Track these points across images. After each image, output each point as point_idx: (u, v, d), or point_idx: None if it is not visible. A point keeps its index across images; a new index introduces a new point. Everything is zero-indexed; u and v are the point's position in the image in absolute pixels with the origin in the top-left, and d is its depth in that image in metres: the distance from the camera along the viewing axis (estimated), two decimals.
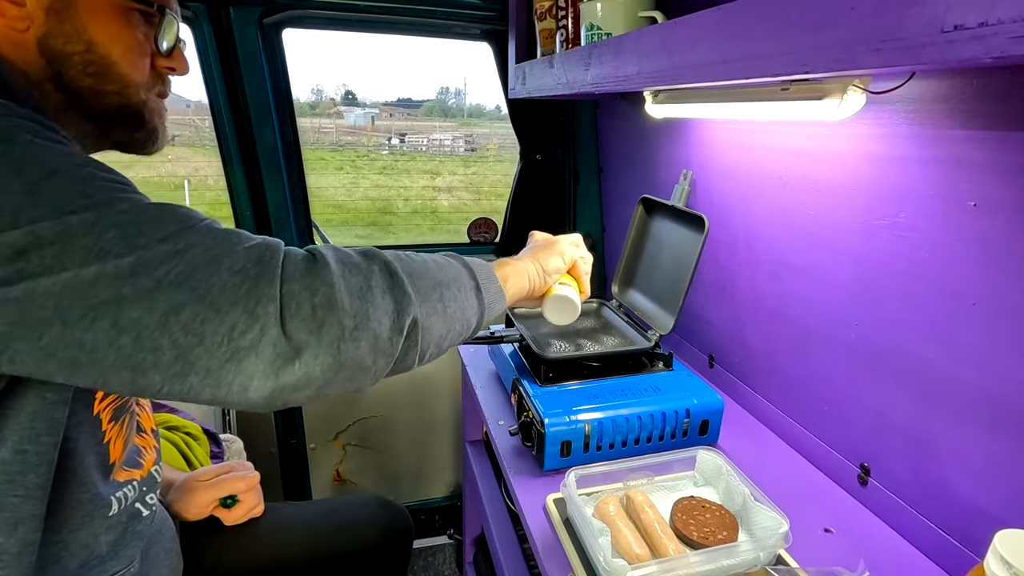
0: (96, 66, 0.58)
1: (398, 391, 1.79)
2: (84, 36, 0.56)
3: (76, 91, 0.58)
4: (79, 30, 0.56)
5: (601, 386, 0.98)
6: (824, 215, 0.86)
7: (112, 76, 0.59)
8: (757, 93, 0.79)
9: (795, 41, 0.47)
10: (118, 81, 0.60)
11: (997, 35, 0.31)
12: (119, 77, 0.60)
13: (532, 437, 0.91)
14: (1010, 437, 0.64)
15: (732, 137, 1.06)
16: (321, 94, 14.34)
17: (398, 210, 11.75)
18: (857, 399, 0.85)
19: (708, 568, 0.67)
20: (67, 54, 0.56)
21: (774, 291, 1.00)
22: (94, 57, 0.57)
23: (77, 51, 0.56)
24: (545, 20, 1.13)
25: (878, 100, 0.72)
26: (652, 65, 0.69)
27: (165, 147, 0.70)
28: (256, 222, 1.60)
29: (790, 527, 0.68)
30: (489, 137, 15.67)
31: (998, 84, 0.60)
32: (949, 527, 0.72)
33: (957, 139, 0.65)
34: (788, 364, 0.99)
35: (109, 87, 0.59)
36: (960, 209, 0.66)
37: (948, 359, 0.70)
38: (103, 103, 0.60)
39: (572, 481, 0.76)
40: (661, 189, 1.29)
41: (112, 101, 0.61)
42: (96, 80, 0.58)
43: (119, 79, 0.60)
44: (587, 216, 1.80)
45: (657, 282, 1.19)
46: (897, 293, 0.76)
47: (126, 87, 0.61)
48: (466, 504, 1.62)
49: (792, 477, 0.92)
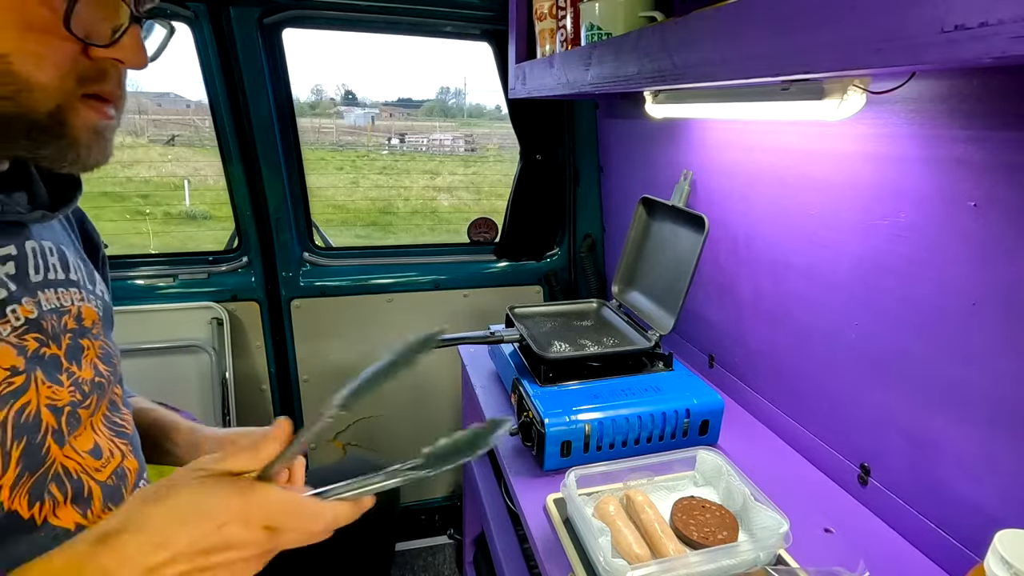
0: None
1: (398, 391, 1.79)
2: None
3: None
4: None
5: (601, 386, 0.97)
6: (824, 215, 0.86)
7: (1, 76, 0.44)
8: (757, 93, 0.79)
9: (795, 41, 0.46)
10: (10, 82, 0.45)
11: (997, 35, 0.31)
12: (11, 77, 0.44)
13: (532, 437, 0.91)
14: (1010, 437, 0.64)
15: (732, 137, 1.06)
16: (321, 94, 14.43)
17: (398, 210, 11.73)
18: (857, 399, 0.85)
19: (708, 568, 0.67)
20: None
21: (774, 291, 1.00)
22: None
23: None
24: (545, 20, 1.13)
25: (878, 100, 0.72)
26: (652, 65, 0.69)
27: (164, 147, 0.60)
28: (256, 222, 1.60)
29: (790, 527, 0.68)
30: (489, 137, 15.67)
31: (998, 84, 0.60)
32: (949, 527, 0.72)
33: (957, 139, 0.65)
34: (788, 364, 0.99)
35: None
36: (960, 209, 0.66)
37: (948, 359, 0.70)
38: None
39: (572, 481, 0.76)
40: (661, 189, 1.29)
41: (3, 109, 0.45)
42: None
43: (11, 79, 0.45)
44: (587, 216, 1.80)
45: (657, 282, 1.19)
46: (897, 293, 0.76)
47: (21, 91, 0.45)
48: (466, 504, 1.62)
49: (792, 477, 0.91)
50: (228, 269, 1.63)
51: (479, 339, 1.10)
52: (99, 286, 0.67)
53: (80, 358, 0.60)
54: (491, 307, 1.77)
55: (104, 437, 0.61)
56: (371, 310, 1.73)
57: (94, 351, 0.63)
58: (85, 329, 0.62)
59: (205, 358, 1.61)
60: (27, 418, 0.51)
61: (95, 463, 0.58)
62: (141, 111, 12.62)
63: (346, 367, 1.76)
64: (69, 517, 0.54)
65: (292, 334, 1.70)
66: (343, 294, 1.71)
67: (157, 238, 8.47)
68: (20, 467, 0.50)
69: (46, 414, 0.53)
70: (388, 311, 1.73)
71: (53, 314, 0.57)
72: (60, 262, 0.60)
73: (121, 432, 0.65)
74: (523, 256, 1.82)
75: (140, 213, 8.87)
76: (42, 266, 0.58)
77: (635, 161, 1.48)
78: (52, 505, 0.53)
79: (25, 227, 0.57)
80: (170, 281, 1.59)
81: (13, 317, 0.52)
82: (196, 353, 1.60)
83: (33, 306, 0.55)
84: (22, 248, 0.56)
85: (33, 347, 0.54)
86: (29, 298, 0.55)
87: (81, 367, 0.60)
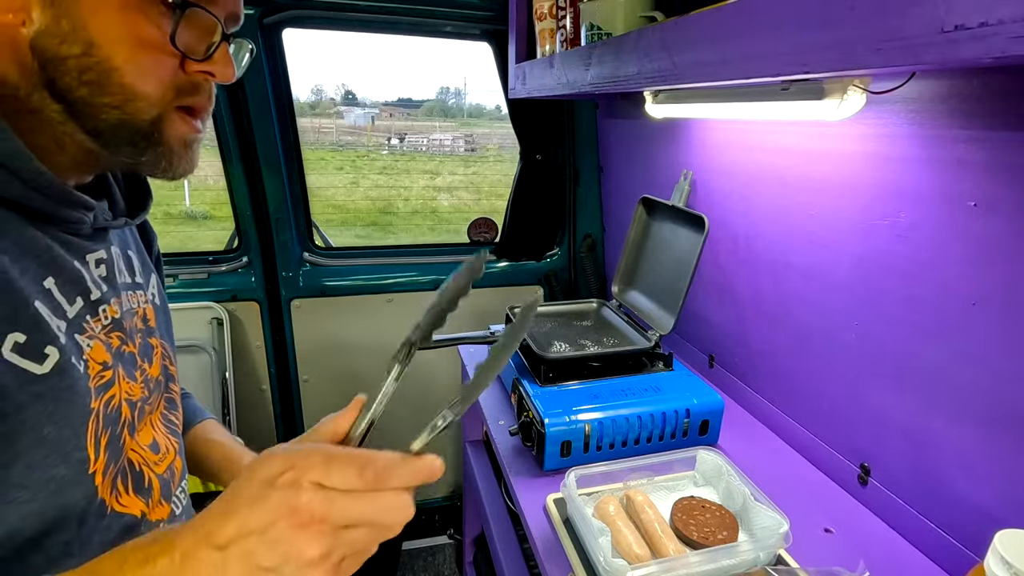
0: (93, 72, 0.47)
1: (398, 391, 1.78)
2: (83, 35, 0.46)
3: (71, 102, 0.48)
4: (77, 27, 0.46)
5: (601, 386, 0.97)
6: (824, 215, 0.86)
7: (112, 86, 0.48)
8: (757, 93, 0.79)
9: (795, 41, 0.47)
10: (119, 92, 0.48)
11: (997, 35, 0.31)
12: (121, 88, 0.48)
13: (532, 437, 0.91)
14: (1010, 437, 0.64)
15: (732, 137, 1.06)
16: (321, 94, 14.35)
17: (398, 210, 11.74)
18: (857, 399, 0.85)
19: (708, 568, 0.67)
20: (61, 57, 0.46)
21: (774, 291, 1.00)
22: (91, 62, 0.47)
23: (73, 54, 0.46)
24: (545, 20, 1.13)
25: (878, 100, 0.72)
26: (652, 65, 0.69)
27: None
28: (256, 222, 1.60)
29: (790, 527, 0.68)
30: (489, 137, 15.66)
31: (998, 84, 0.60)
32: (949, 527, 0.72)
33: (957, 139, 0.65)
34: (788, 364, 0.99)
35: (106, 100, 0.48)
36: (960, 209, 0.66)
37: (948, 359, 0.70)
38: (99, 118, 0.49)
39: (572, 481, 0.76)
40: (661, 189, 1.29)
41: (110, 117, 0.49)
42: (91, 91, 0.48)
43: (120, 90, 0.48)
44: (587, 216, 1.80)
45: (657, 282, 1.19)
46: (897, 293, 0.76)
47: (128, 100, 0.49)
48: (466, 504, 1.62)
49: (792, 477, 0.91)
50: (228, 269, 1.63)
51: (479, 339, 1.10)
52: (152, 287, 0.71)
53: (151, 356, 0.65)
54: (491, 307, 1.76)
55: (161, 434, 0.64)
56: (371, 310, 1.73)
57: (161, 350, 0.68)
58: (152, 329, 0.67)
59: (205, 358, 1.61)
60: (112, 410, 0.55)
61: (154, 456, 0.62)
62: None
63: (346, 367, 1.76)
64: (135, 505, 0.57)
65: (292, 334, 1.70)
66: (343, 294, 1.71)
67: (157, 238, 8.47)
68: (107, 456, 0.53)
69: (125, 408, 0.57)
70: (388, 311, 1.73)
71: (129, 315, 0.61)
72: (127, 266, 0.64)
73: (174, 431, 0.68)
74: (523, 256, 1.82)
75: None
76: (123, 269, 0.63)
77: (635, 161, 1.48)
78: (118, 494, 0.56)
79: (108, 232, 0.61)
80: (170, 281, 1.59)
81: (104, 316, 0.56)
82: (196, 353, 1.60)
83: (118, 307, 0.59)
84: (109, 252, 0.60)
85: (117, 344, 0.57)
86: (116, 299, 0.59)
87: (152, 364, 0.64)
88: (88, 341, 0.53)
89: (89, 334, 0.53)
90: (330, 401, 1.77)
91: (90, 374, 0.52)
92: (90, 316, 0.54)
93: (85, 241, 0.56)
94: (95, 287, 0.56)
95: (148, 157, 0.53)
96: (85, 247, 0.56)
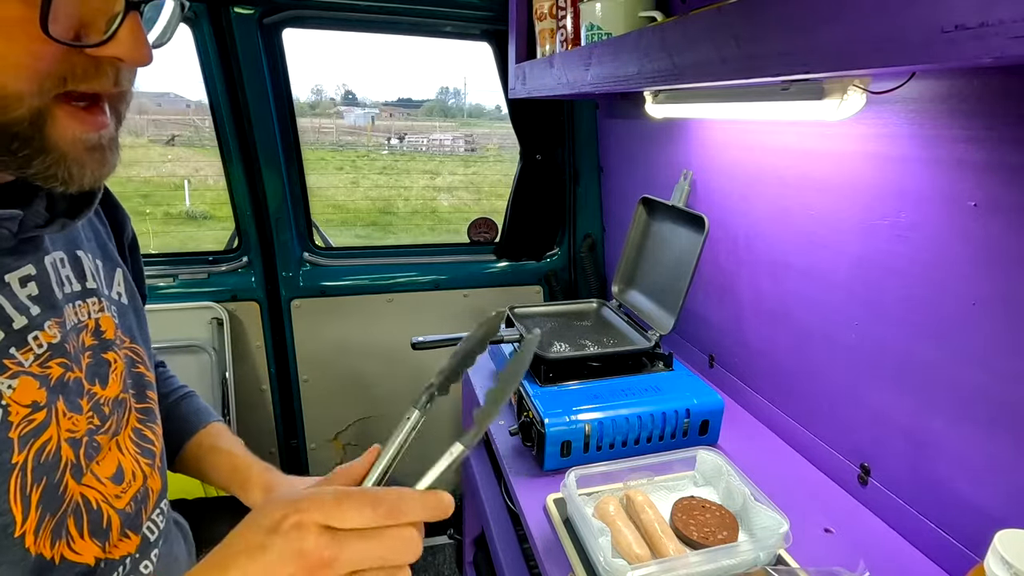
0: None
1: (398, 391, 1.79)
2: None
3: None
4: None
5: (601, 386, 0.98)
6: (824, 215, 0.86)
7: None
8: (757, 93, 0.79)
9: (795, 41, 0.46)
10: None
11: (997, 35, 0.31)
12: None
13: (532, 437, 0.91)
14: (1010, 437, 0.64)
15: (732, 137, 1.06)
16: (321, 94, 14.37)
17: (398, 210, 11.74)
18: (857, 399, 0.85)
19: (708, 568, 0.67)
20: None
21: (774, 291, 1.00)
22: None
23: None
24: (545, 20, 1.13)
25: (878, 100, 0.72)
26: (652, 65, 0.69)
27: (163, 147, 0.50)
28: (256, 222, 1.60)
29: (790, 527, 0.68)
30: (489, 137, 15.66)
31: (998, 84, 0.60)
32: (949, 527, 0.72)
33: (957, 139, 0.65)
34: (788, 364, 0.99)
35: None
36: (960, 209, 0.66)
37: (948, 359, 0.70)
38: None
39: (572, 481, 0.76)
40: (661, 189, 1.29)
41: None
42: None
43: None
44: (587, 216, 1.80)
45: (657, 282, 1.19)
46: (897, 293, 0.76)
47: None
48: (466, 504, 1.62)
49: (792, 477, 0.91)
50: (228, 269, 1.63)
51: None
52: (117, 285, 0.62)
53: (106, 374, 0.57)
54: (491, 307, 1.76)
55: (129, 457, 0.59)
56: (371, 310, 1.73)
57: (123, 362, 0.59)
58: (107, 342, 0.58)
59: (205, 358, 1.61)
60: (47, 457, 0.48)
61: (115, 489, 0.56)
62: (141, 111, 12.61)
63: (346, 367, 1.76)
64: (89, 551, 0.52)
65: (292, 334, 1.70)
66: (343, 294, 1.71)
67: (157, 238, 8.48)
68: (40, 510, 0.47)
69: (65, 449, 0.50)
70: (388, 311, 1.73)
71: (73, 333, 0.53)
72: (74, 271, 0.56)
73: (147, 450, 0.62)
74: (523, 256, 1.82)
75: (140, 213, 8.87)
76: (69, 277, 0.54)
77: (635, 161, 1.48)
78: (68, 541, 0.50)
79: (42, 239, 0.52)
80: (170, 281, 1.59)
81: (36, 345, 0.48)
82: (196, 353, 1.60)
83: (57, 329, 0.51)
84: (40, 264, 0.51)
85: (58, 374, 0.50)
86: (54, 319, 0.51)
87: (106, 385, 0.56)
88: (9, 382, 0.45)
89: (11, 372, 0.46)
90: (330, 401, 1.77)
91: (11, 421, 0.45)
92: (15, 349, 0.46)
93: (2, 259, 0.47)
94: (19, 313, 0.47)
95: (37, 166, 0.42)
96: (2, 266, 0.47)
